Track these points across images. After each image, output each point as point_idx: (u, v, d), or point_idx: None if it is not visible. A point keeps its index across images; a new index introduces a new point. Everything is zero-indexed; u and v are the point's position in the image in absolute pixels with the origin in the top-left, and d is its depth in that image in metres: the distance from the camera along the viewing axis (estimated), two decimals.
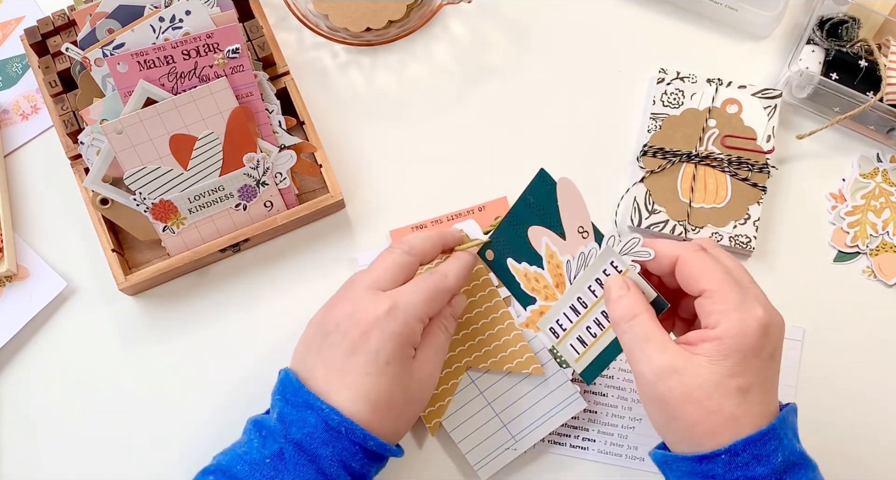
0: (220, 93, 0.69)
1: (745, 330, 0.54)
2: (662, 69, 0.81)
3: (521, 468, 0.74)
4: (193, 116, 0.69)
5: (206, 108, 0.69)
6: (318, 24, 0.80)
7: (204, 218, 0.72)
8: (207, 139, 0.70)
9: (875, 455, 0.75)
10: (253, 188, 0.71)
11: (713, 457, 0.53)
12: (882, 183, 0.80)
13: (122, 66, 0.71)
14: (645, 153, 0.79)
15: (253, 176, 0.71)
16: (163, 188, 0.71)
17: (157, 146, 0.69)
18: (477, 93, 0.82)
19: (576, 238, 0.60)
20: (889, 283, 0.78)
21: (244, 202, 0.71)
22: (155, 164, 0.70)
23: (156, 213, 0.71)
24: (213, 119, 0.70)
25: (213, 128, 0.70)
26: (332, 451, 0.58)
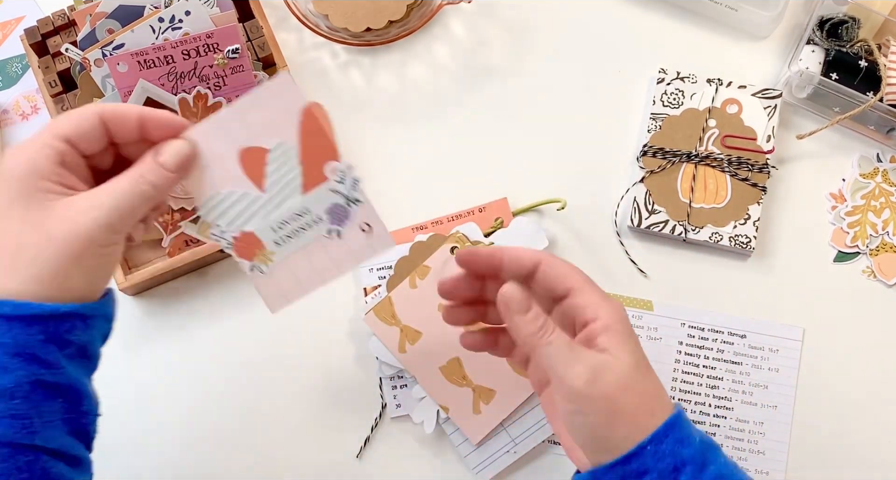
0: (285, 92, 0.54)
1: (621, 314, 0.55)
2: (662, 69, 0.81)
3: (521, 468, 0.74)
4: (260, 124, 0.55)
5: (273, 111, 0.55)
6: (318, 24, 0.80)
7: (295, 251, 0.58)
8: (280, 150, 0.56)
9: (875, 455, 0.75)
10: (344, 208, 0.56)
11: (640, 452, 0.52)
12: (882, 183, 0.80)
13: (121, 66, 0.71)
14: (645, 153, 0.78)
15: (341, 192, 0.56)
16: (242, 216, 0.57)
17: (227, 165, 0.56)
18: (477, 94, 0.82)
19: None
20: (889, 283, 0.78)
21: (337, 227, 0.57)
22: (228, 189, 0.56)
23: (239, 249, 0.58)
24: (283, 125, 0.55)
25: (285, 136, 0.55)
26: None
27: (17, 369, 0.50)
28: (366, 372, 0.76)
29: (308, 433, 0.76)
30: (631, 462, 0.52)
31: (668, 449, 0.52)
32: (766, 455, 0.75)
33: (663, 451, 0.52)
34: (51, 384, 0.52)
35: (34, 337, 0.51)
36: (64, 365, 0.52)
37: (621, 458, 0.52)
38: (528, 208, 0.78)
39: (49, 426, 0.52)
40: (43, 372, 0.51)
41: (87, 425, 0.55)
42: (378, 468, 0.75)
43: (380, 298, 0.75)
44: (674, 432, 0.53)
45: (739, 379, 0.76)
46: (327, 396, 0.76)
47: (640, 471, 0.52)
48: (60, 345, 0.52)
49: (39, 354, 0.51)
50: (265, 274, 0.57)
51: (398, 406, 0.75)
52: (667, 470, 0.52)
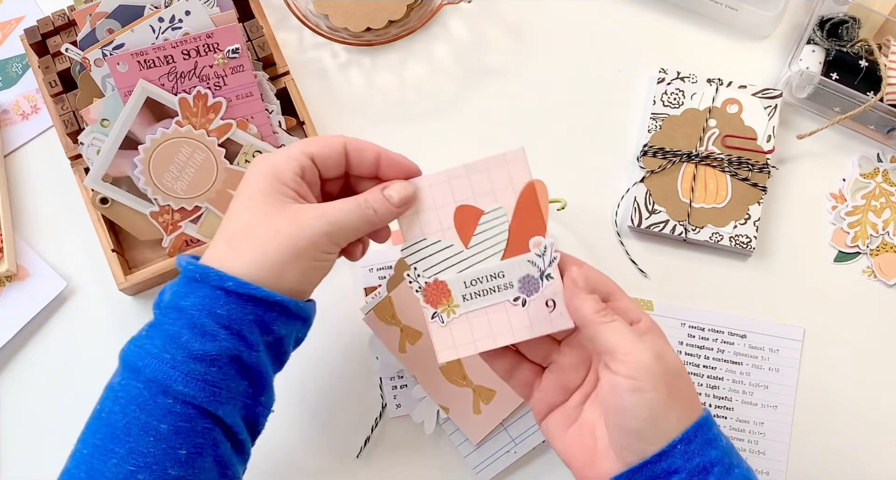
0: (515, 164, 0.59)
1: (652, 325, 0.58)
2: (662, 69, 0.81)
3: (521, 467, 0.74)
4: (484, 186, 0.59)
5: (499, 179, 0.59)
6: (318, 24, 0.80)
7: (477, 309, 0.60)
8: (495, 214, 0.59)
9: (875, 455, 0.75)
10: (536, 280, 0.59)
11: (670, 450, 0.53)
12: (882, 183, 0.80)
13: (121, 66, 0.71)
14: (645, 153, 0.78)
15: (537, 265, 0.59)
16: (440, 266, 0.60)
17: (442, 216, 0.60)
18: (477, 93, 0.82)
19: None
20: (889, 283, 0.78)
21: (524, 296, 0.59)
22: (436, 237, 0.60)
23: (427, 295, 0.60)
24: (505, 192, 0.59)
25: (503, 203, 0.59)
26: (193, 301, 0.55)
27: (224, 340, 0.55)
28: (366, 372, 0.76)
29: (308, 433, 0.76)
30: (662, 460, 0.53)
31: (696, 449, 0.53)
32: (766, 455, 0.75)
33: (692, 451, 0.53)
34: (245, 364, 0.57)
35: (246, 316, 0.56)
36: (260, 350, 0.57)
37: (652, 458, 0.53)
38: None
39: (231, 402, 0.56)
40: (242, 350, 0.56)
41: (258, 416, 0.59)
42: (378, 468, 0.75)
43: (380, 298, 0.75)
44: (703, 432, 0.54)
45: (740, 379, 0.76)
46: (327, 396, 0.76)
47: (669, 471, 0.53)
48: (263, 330, 0.57)
49: (245, 332, 0.56)
50: (444, 324, 0.60)
51: (398, 406, 0.75)
52: (695, 470, 0.53)
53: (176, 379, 0.54)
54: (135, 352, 0.55)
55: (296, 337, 0.61)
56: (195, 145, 0.73)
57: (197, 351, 0.55)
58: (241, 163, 0.73)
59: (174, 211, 0.74)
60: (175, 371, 0.54)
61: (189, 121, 0.72)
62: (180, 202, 0.74)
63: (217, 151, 0.73)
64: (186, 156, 0.72)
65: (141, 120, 0.72)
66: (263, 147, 0.73)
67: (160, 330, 0.55)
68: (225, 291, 0.55)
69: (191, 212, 0.74)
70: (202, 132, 0.73)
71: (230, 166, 0.73)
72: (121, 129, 0.72)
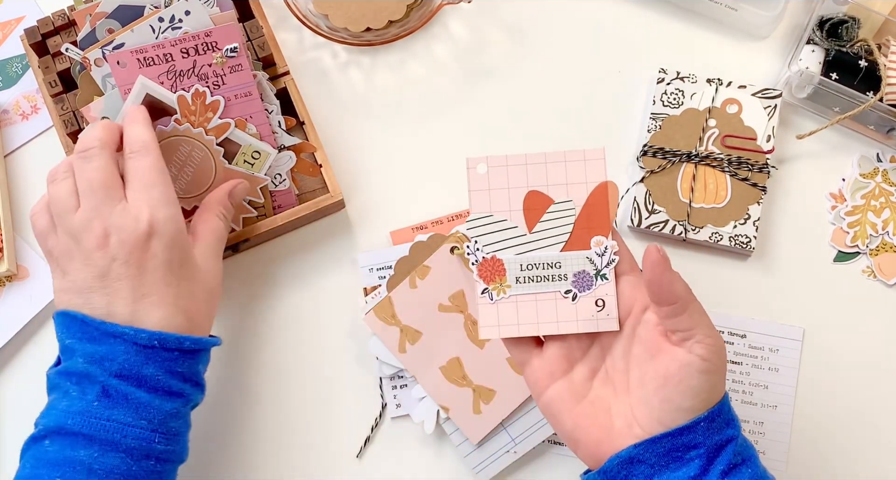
0: (593, 162, 0.61)
1: None
2: (662, 69, 0.81)
3: (521, 467, 0.74)
4: (558, 177, 0.61)
5: (574, 173, 0.61)
6: (318, 24, 0.80)
7: (527, 293, 0.61)
8: (564, 206, 0.61)
9: (875, 455, 0.75)
10: (590, 277, 0.60)
11: (694, 426, 0.55)
12: (882, 183, 0.80)
13: (121, 63, 0.71)
14: (645, 153, 0.78)
15: (595, 263, 0.60)
16: (500, 244, 0.62)
17: (512, 197, 0.61)
18: (477, 93, 0.82)
19: None
20: (889, 283, 0.78)
21: (576, 290, 0.60)
22: (503, 216, 0.62)
23: (482, 270, 0.62)
24: (577, 187, 0.61)
25: (574, 197, 0.61)
26: (154, 368, 0.59)
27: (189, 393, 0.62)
28: (366, 372, 0.76)
29: (308, 433, 0.76)
30: (684, 434, 0.55)
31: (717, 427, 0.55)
32: (765, 455, 0.74)
33: (714, 428, 0.55)
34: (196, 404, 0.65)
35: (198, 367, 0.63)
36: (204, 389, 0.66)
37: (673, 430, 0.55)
38: None
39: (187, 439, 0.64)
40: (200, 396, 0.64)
41: None
42: (378, 468, 0.75)
43: (380, 298, 0.75)
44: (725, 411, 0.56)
45: (739, 378, 0.76)
46: (327, 396, 0.76)
47: (690, 445, 0.55)
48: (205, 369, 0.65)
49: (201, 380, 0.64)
50: (492, 302, 0.61)
51: (398, 406, 0.75)
52: (714, 446, 0.55)
53: (158, 441, 0.59)
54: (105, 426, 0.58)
55: None
56: (193, 144, 0.72)
57: (170, 409, 0.60)
58: (240, 163, 0.73)
59: None
60: (156, 434, 0.59)
61: (187, 120, 0.72)
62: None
63: (215, 150, 0.72)
64: (185, 154, 0.72)
65: None
66: (262, 147, 0.73)
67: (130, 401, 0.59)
68: (182, 351, 0.61)
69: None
70: (200, 131, 0.72)
71: (229, 166, 0.73)
72: None
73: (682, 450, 0.55)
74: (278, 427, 0.76)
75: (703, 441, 0.55)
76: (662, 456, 0.55)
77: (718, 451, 0.55)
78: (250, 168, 0.73)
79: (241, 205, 0.74)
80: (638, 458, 0.56)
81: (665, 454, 0.55)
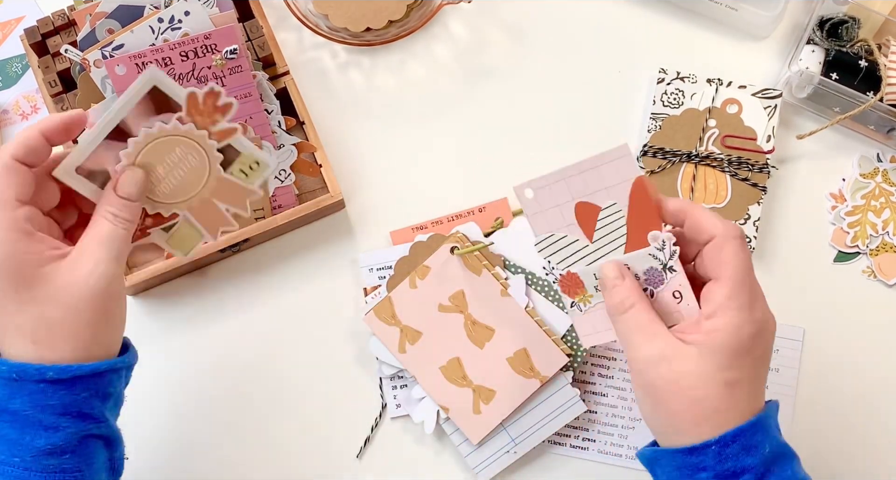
0: (621, 160, 0.61)
1: (741, 328, 0.54)
2: (662, 69, 0.80)
3: (521, 467, 0.75)
4: (596, 183, 0.61)
5: (608, 176, 0.61)
6: (318, 24, 0.80)
7: None
8: (611, 210, 0.61)
9: (875, 455, 0.75)
10: (660, 273, 0.60)
11: (704, 449, 0.53)
12: (882, 183, 0.80)
13: (119, 69, 0.70)
14: (645, 153, 0.78)
15: (659, 258, 0.59)
16: (571, 259, 0.63)
17: (564, 213, 0.62)
18: (477, 94, 0.82)
19: None
20: (889, 283, 0.78)
21: (651, 288, 0.60)
22: (563, 232, 0.63)
23: (563, 286, 0.63)
24: (616, 188, 0.61)
25: (617, 199, 0.61)
26: (22, 400, 0.54)
27: (67, 427, 0.54)
28: (366, 372, 0.77)
29: (308, 433, 0.76)
30: (693, 455, 0.54)
31: (732, 453, 0.53)
32: None
33: (727, 454, 0.53)
34: (98, 435, 0.56)
35: (80, 396, 0.54)
36: (107, 417, 0.56)
37: (684, 449, 0.54)
38: None
39: (96, 475, 0.56)
40: (91, 427, 0.55)
41: (120, 466, 0.59)
42: (378, 468, 0.75)
43: (380, 298, 0.75)
44: (744, 438, 0.53)
45: None
46: (327, 396, 0.76)
47: (699, 467, 0.53)
48: (103, 399, 0.56)
49: (85, 410, 0.55)
50: (583, 313, 0.62)
51: (398, 406, 0.75)
52: (724, 474, 0.53)
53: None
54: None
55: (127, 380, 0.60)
56: (192, 146, 0.67)
57: (44, 446, 0.54)
58: (235, 173, 0.68)
59: (146, 215, 0.65)
60: (29, 472, 0.53)
61: (193, 119, 0.66)
62: (156, 206, 0.65)
63: (214, 156, 0.67)
64: (179, 157, 0.67)
65: (138, 110, 0.65)
66: (262, 158, 0.68)
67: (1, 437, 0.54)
68: (49, 382, 0.54)
69: (165, 219, 0.65)
70: (204, 133, 0.67)
71: (223, 174, 0.68)
72: (113, 117, 0.64)
73: (690, 469, 0.54)
74: (278, 427, 0.76)
75: (712, 465, 0.53)
76: (674, 470, 0.55)
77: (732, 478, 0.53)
78: (245, 178, 0.68)
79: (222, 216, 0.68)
80: (656, 461, 0.56)
81: (674, 470, 0.55)
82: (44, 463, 0.54)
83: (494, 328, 0.74)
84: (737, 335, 0.54)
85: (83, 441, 0.55)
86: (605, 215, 0.60)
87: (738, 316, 0.54)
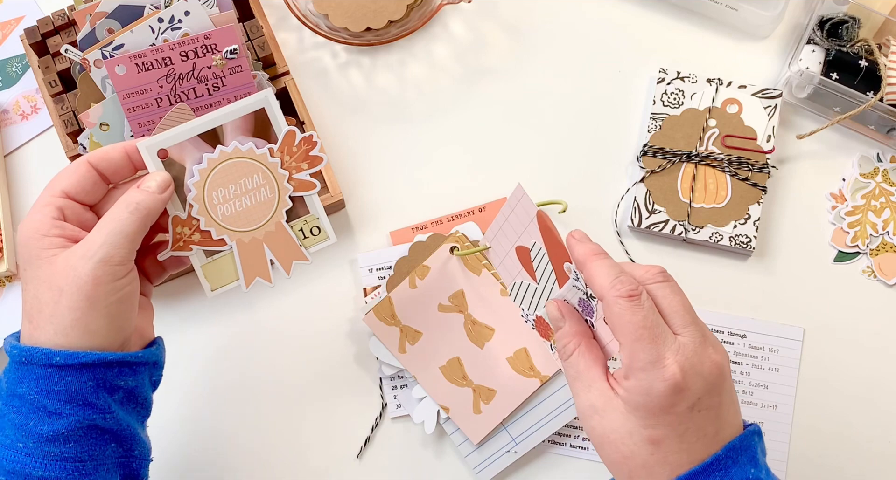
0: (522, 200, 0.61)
1: (651, 389, 0.50)
2: (662, 69, 0.80)
3: (521, 467, 0.75)
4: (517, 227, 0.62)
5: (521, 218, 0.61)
6: (318, 24, 0.80)
7: None
8: (535, 249, 0.61)
9: (874, 455, 0.75)
10: (588, 302, 0.57)
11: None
12: (882, 183, 0.80)
13: (120, 69, 0.70)
14: (645, 153, 0.78)
15: (580, 288, 0.57)
16: (533, 302, 0.63)
17: (513, 260, 0.64)
18: (477, 93, 0.82)
19: None
20: (889, 283, 0.78)
21: (589, 318, 0.58)
22: (520, 279, 0.64)
23: (539, 330, 0.64)
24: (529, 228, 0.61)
25: (535, 238, 0.61)
26: (28, 385, 0.54)
27: (71, 414, 0.54)
28: (366, 372, 0.77)
29: (308, 433, 0.76)
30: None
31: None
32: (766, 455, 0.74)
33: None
34: (103, 428, 0.56)
35: (86, 384, 0.55)
36: (115, 410, 0.56)
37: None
38: None
39: (101, 469, 0.55)
40: (95, 417, 0.55)
41: (138, 469, 0.58)
42: (378, 468, 0.75)
43: (380, 298, 0.75)
44: None
45: (739, 378, 0.76)
46: (327, 396, 0.76)
47: None
48: (110, 391, 0.56)
49: (91, 400, 0.55)
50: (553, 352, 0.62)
51: (398, 406, 0.75)
52: None
53: (34, 466, 0.54)
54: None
55: (152, 380, 0.61)
56: (270, 181, 0.63)
57: (47, 432, 0.54)
58: (295, 230, 0.65)
59: (200, 229, 0.63)
60: (30, 458, 0.54)
61: (282, 156, 0.64)
62: (211, 224, 0.63)
63: (284, 201, 0.64)
64: (254, 185, 0.63)
65: (238, 123, 0.64)
66: (326, 228, 0.65)
67: (7, 421, 0.55)
68: (56, 367, 0.54)
69: (212, 242, 0.64)
70: (286, 174, 0.64)
71: (283, 223, 0.64)
72: (214, 120, 0.62)
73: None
74: (278, 427, 0.76)
75: None
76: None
77: None
78: (302, 239, 0.65)
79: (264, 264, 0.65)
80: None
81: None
82: (45, 450, 0.54)
83: (494, 328, 0.74)
84: (648, 396, 0.51)
85: (88, 432, 0.55)
86: (534, 255, 0.61)
87: (646, 378, 0.51)
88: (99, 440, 0.56)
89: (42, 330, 0.55)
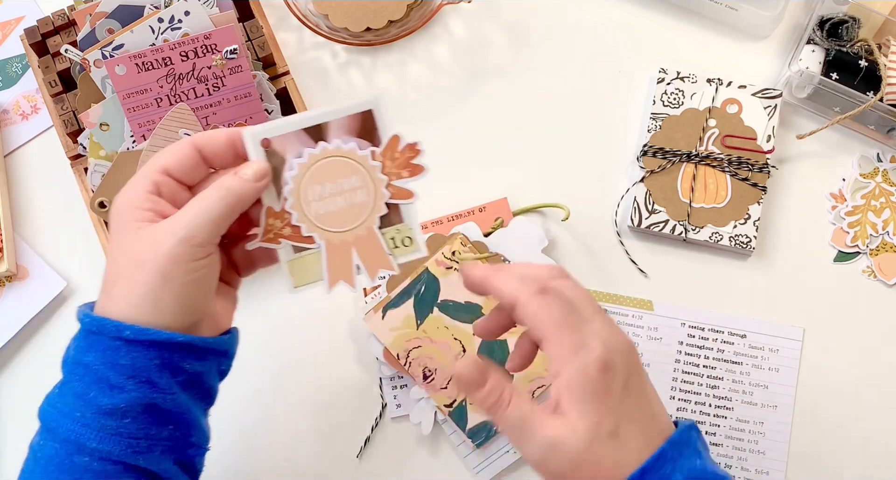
0: None
1: (587, 374, 0.50)
2: (662, 69, 0.80)
3: (522, 468, 0.74)
4: None
5: None
6: (318, 24, 0.80)
7: None
8: None
9: (874, 454, 0.75)
10: None
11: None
12: (882, 183, 0.80)
13: (119, 69, 0.71)
14: (645, 153, 0.78)
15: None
16: None
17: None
18: (477, 94, 0.82)
19: None
20: (889, 283, 0.78)
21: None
22: None
23: None
24: None
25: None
26: (94, 355, 0.54)
27: (133, 390, 0.53)
28: (366, 371, 0.77)
29: (308, 433, 0.76)
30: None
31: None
32: (766, 455, 0.75)
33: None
34: (162, 409, 0.55)
35: (151, 362, 0.54)
36: (176, 392, 0.55)
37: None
38: (528, 209, 0.78)
39: (155, 450, 0.54)
40: (156, 396, 0.54)
41: (193, 456, 0.57)
42: (378, 468, 0.75)
43: (380, 298, 0.75)
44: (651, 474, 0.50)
45: (739, 378, 0.76)
46: (327, 396, 0.76)
47: None
48: (174, 372, 0.55)
49: (154, 378, 0.54)
50: None
51: (398, 406, 0.75)
52: None
53: (89, 437, 0.53)
54: (49, 412, 0.55)
55: (219, 369, 0.60)
56: (367, 184, 0.62)
57: (106, 405, 0.53)
58: (387, 237, 0.63)
59: (291, 224, 0.61)
60: (87, 429, 0.53)
61: (383, 160, 0.62)
62: (303, 220, 0.61)
63: (379, 207, 0.62)
64: (351, 186, 0.62)
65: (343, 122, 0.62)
66: (418, 239, 0.63)
67: (69, 389, 0.54)
68: (125, 341, 0.53)
69: (301, 238, 0.61)
70: (385, 179, 0.62)
71: (375, 229, 0.62)
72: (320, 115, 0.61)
73: None
74: (278, 427, 0.76)
75: None
76: None
77: None
78: (392, 248, 0.63)
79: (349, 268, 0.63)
80: None
81: None
82: (102, 423, 0.53)
83: None
84: (585, 380, 0.51)
85: (147, 409, 0.54)
86: None
87: (579, 362, 0.51)
88: (157, 420, 0.55)
89: (114, 301, 0.54)
